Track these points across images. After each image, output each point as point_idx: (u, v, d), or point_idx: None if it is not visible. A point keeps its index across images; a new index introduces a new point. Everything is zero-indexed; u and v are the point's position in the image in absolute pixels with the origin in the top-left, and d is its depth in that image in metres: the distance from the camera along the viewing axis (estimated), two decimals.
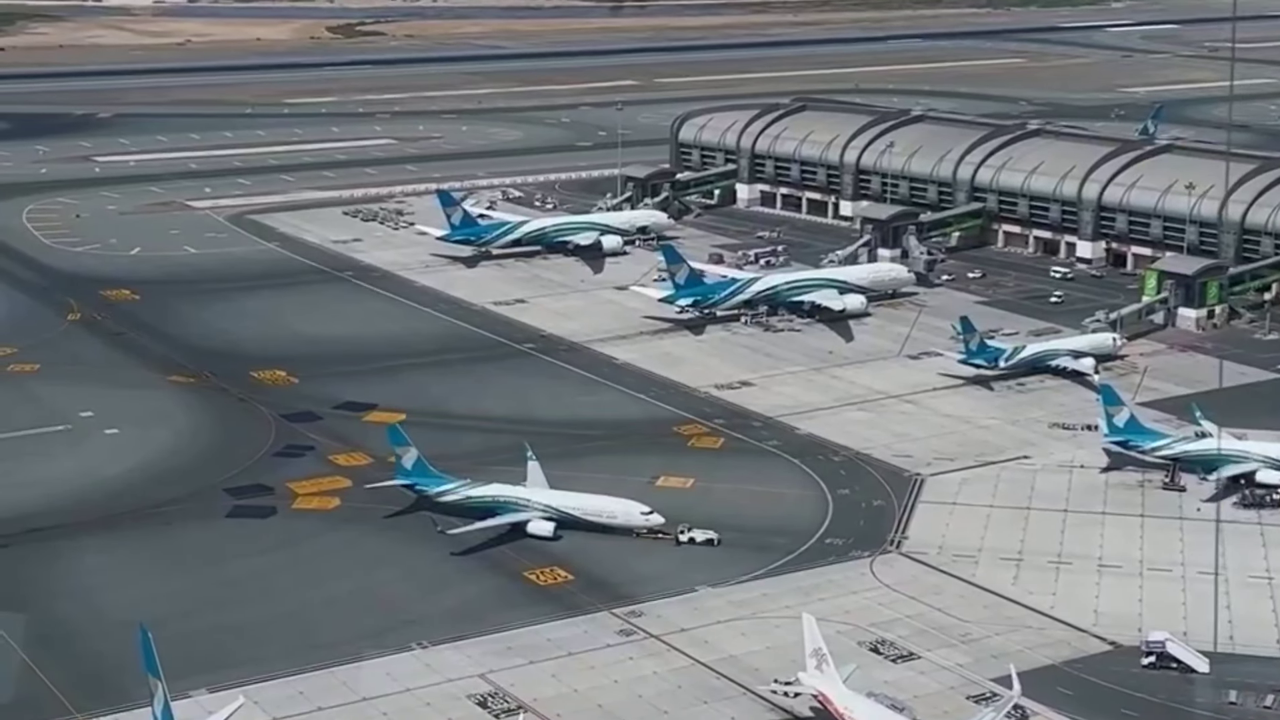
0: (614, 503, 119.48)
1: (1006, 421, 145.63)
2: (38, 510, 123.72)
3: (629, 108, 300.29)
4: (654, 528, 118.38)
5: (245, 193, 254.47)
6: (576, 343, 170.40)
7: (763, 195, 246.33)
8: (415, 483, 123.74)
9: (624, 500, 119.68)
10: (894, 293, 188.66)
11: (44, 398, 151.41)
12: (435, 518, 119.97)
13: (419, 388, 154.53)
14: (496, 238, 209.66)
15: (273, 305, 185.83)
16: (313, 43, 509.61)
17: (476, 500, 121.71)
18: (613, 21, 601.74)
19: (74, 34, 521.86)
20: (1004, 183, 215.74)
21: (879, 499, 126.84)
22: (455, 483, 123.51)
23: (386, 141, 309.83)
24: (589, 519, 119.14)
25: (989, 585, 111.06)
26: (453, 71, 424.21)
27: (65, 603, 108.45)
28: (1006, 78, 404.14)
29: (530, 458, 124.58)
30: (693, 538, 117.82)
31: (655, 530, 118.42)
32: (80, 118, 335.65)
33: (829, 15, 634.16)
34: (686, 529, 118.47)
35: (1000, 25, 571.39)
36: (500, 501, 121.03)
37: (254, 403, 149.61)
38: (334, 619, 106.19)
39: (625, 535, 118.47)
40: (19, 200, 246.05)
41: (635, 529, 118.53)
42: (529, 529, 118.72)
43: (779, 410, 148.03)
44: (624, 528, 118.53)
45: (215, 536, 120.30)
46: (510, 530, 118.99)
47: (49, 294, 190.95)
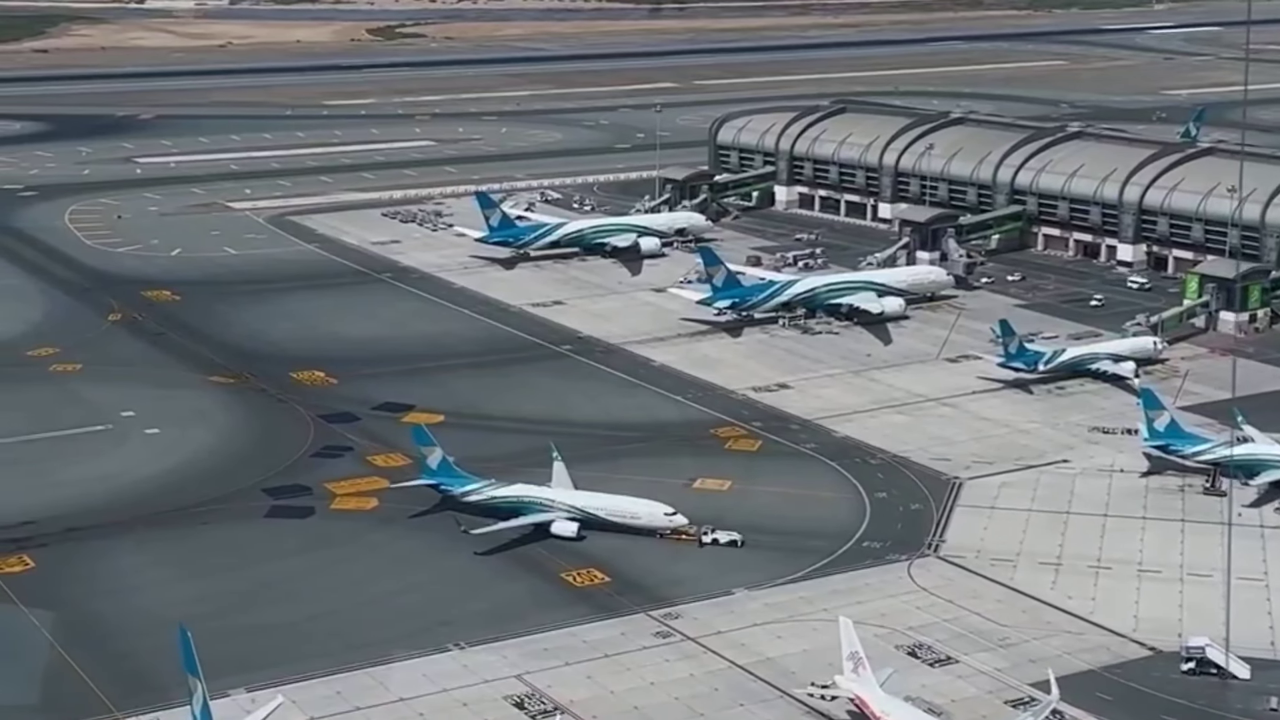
0: (638, 503, 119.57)
1: (1046, 425, 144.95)
2: (78, 510, 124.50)
3: (668, 109, 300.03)
4: (677, 528, 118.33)
5: (285, 194, 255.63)
6: (614, 344, 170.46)
7: (801, 197, 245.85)
8: (440, 482, 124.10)
9: (648, 501, 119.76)
10: (933, 296, 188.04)
11: (86, 398, 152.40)
12: (459, 517, 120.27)
13: (457, 389, 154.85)
14: (535, 239, 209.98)
15: (312, 306, 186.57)
16: (353, 45, 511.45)
17: (501, 500, 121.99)
18: (652, 23, 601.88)
19: (116, 36, 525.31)
20: (1044, 185, 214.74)
21: (917, 502, 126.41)
22: (480, 483, 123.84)
23: (426, 143, 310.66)
24: (613, 519, 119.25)
25: (1028, 590, 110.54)
26: (492, 73, 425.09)
27: (104, 602, 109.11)
28: (1047, 80, 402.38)
29: (555, 458, 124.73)
30: (716, 539, 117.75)
31: (678, 531, 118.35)
32: (122, 119, 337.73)
33: (869, 17, 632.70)
34: (710, 530, 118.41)
35: (1042, 27, 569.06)
36: (525, 502, 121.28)
37: (293, 403, 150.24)
38: (372, 619, 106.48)
39: (649, 536, 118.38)
40: (62, 201, 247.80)
41: (659, 530, 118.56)
42: (552, 529, 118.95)
43: (817, 413, 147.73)
44: (647, 528, 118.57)
45: (254, 536, 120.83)
46: (534, 530, 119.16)
47: (91, 294, 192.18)
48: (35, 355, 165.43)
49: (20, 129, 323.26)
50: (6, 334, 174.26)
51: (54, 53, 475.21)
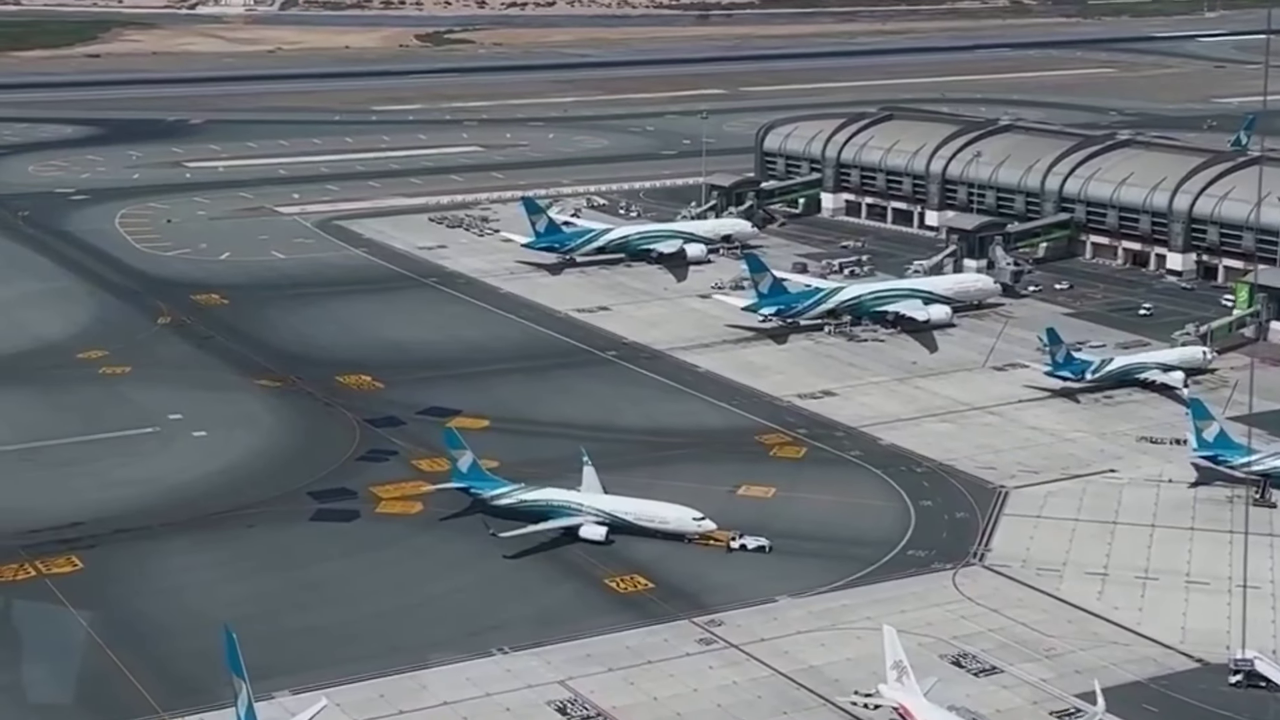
0: (666, 508, 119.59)
1: (1093, 434, 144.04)
2: (126, 511, 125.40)
3: (714, 116, 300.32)
4: (706, 534, 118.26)
5: (333, 199, 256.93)
6: (659, 350, 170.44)
7: (848, 204, 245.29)
8: (470, 486, 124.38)
9: (676, 506, 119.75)
10: (979, 303, 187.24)
11: (134, 400, 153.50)
12: (487, 520, 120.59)
13: (502, 394, 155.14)
14: (580, 245, 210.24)
15: (358, 310, 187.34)
16: (401, 50, 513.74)
17: (530, 504, 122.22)
18: (699, 30, 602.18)
19: (167, 41, 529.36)
20: (1092, 193, 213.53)
21: (962, 511, 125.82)
22: (509, 486, 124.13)
23: (473, 148, 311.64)
24: (641, 524, 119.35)
25: (1073, 600, 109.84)
26: (540, 79, 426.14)
27: (151, 602, 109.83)
28: (1096, 87, 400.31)
29: (586, 463, 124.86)
30: (744, 545, 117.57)
31: (707, 536, 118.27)
32: (172, 124, 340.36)
33: (917, 24, 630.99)
34: (738, 536, 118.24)
35: (1091, 34, 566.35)
36: (554, 506, 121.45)
37: (339, 407, 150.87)
38: (416, 623, 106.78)
39: (678, 541, 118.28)
40: (112, 204, 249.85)
41: (687, 534, 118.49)
42: (581, 533, 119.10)
43: (862, 420, 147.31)
44: (676, 533, 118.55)
45: (299, 539, 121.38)
46: (563, 534, 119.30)
47: (140, 297, 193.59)
48: (85, 358, 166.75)
49: (72, 133, 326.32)
50: (57, 336, 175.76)
51: (106, 57, 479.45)
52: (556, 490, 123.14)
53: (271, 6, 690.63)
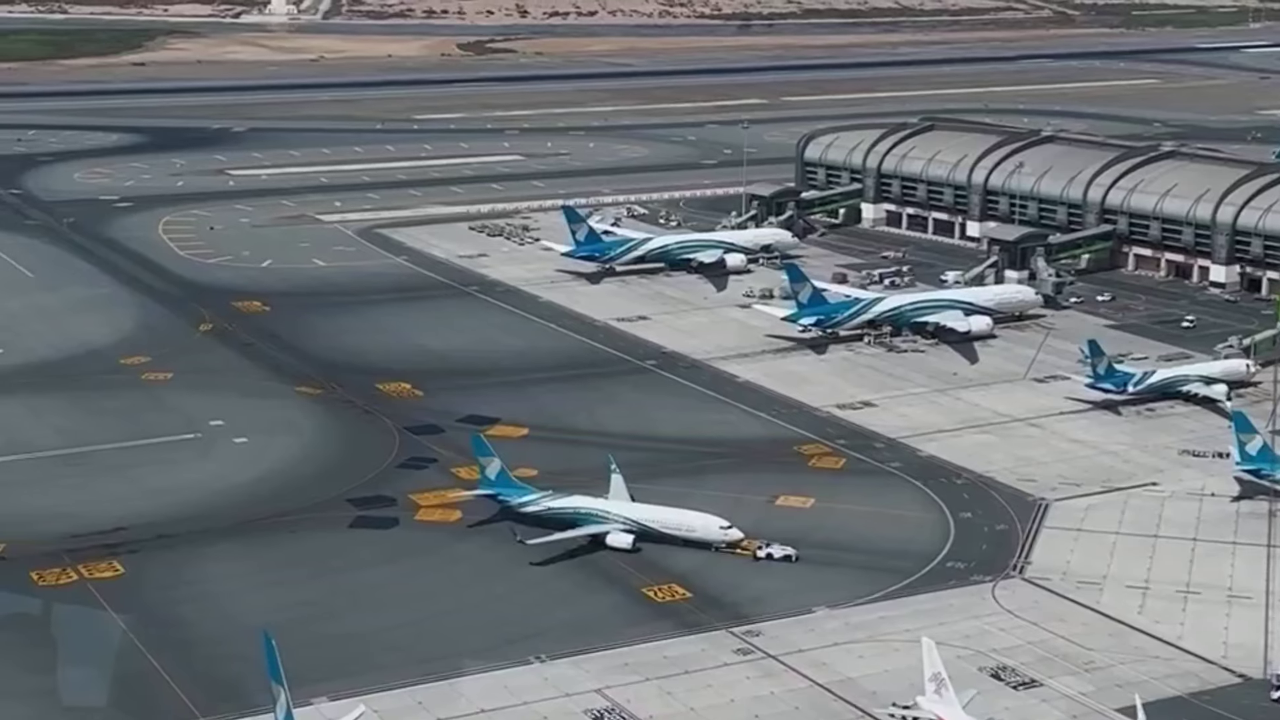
0: (693, 516, 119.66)
1: (1134, 447, 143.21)
2: (168, 517, 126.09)
3: (755, 126, 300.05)
4: (733, 542, 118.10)
5: (374, 207, 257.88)
6: (698, 360, 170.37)
7: (888, 215, 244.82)
8: (498, 493, 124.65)
9: (703, 514, 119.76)
10: (1020, 315, 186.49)
11: (176, 406, 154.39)
12: (515, 527, 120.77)
13: (541, 403, 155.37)
14: (620, 254, 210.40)
15: (399, 318, 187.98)
16: (443, 59, 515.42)
17: (558, 512, 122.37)
18: (740, 40, 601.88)
19: (211, 49, 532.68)
20: (1135, 205, 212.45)
21: (1002, 523, 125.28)
22: (537, 494, 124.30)
23: (514, 157, 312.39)
24: (668, 532, 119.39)
25: (1114, 613, 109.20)
26: (581, 89, 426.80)
27: (191, 608, 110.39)
28: (1140, 98, 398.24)
29: (613, 470, 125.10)
30: (770, 554, 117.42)
31: (734, 545, 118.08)
32: (215, 132, 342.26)
33: (959, 34, 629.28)
34: (764, 545, 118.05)
35: (1135, 45, 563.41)
36: (581, 513, 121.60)
37: (379, 415, 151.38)
38: (454, 630, 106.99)
39: (704, 549, 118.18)
40: (156, 211, 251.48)
41: (714, 543, 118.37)
42: (608, 541, 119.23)
43: (901, 431, 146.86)
44: (703, 541, 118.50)
45: (338, 546, 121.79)
46: (590, 542, 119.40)
47: (182, 304, 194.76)
48: (128, 363, 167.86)
49: (117, 141, 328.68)
50: (101, 342, 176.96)
51: (151, 66, 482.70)
52: (584, 498, 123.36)
53: (315, 15, 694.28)
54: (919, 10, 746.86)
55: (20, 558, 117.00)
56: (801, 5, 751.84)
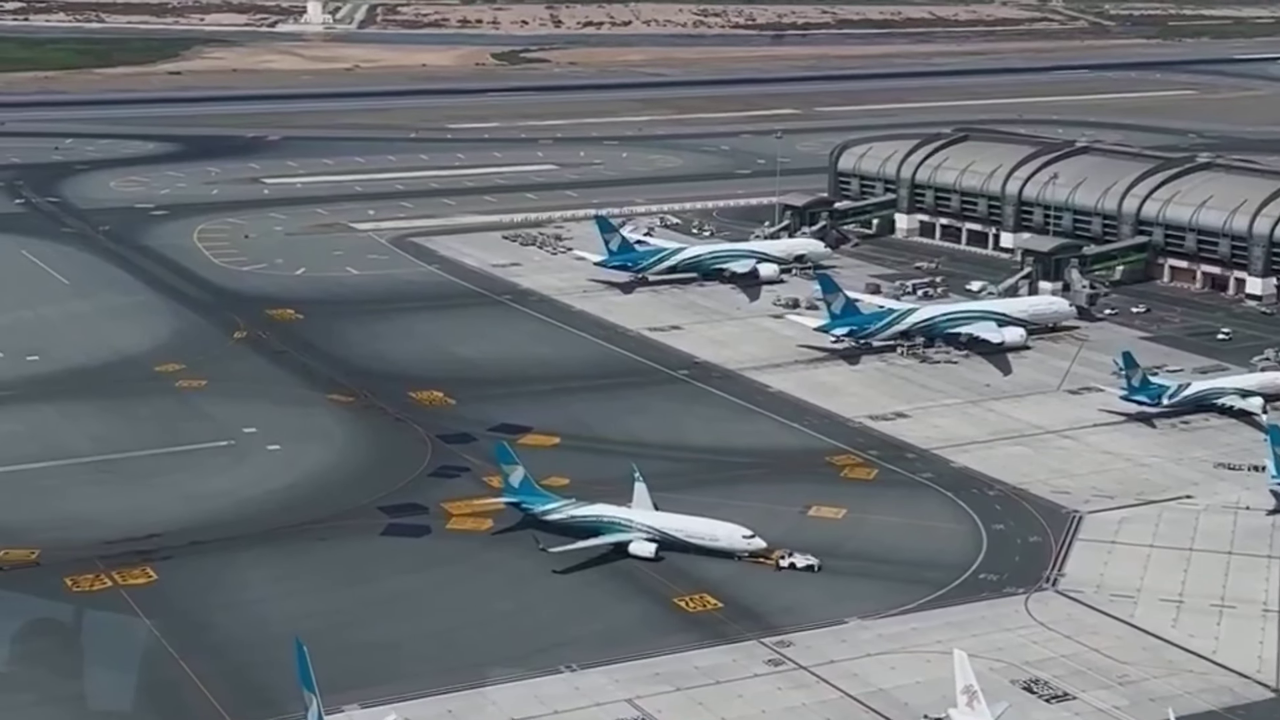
0: (716, 526, 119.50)
1: (1169, 460, 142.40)
2: (201, 523, 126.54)
3: (789, 136, 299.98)
4: (755, 551, 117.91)
5: (407, 215, 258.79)
6: (730, 370, 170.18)
7: (922, 225, 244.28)
8: (521, 501, 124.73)
9: (726, 523, 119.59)
10: (1054, 326, 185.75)
11: (210, 413, 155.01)
12: (537, 535, 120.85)
13: (574, 411, 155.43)
14: (653, 264, 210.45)
15: (432, 327, 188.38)
16: (477, 69, 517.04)
17: (581, 520, 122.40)
18: (774, 50, 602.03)
19: (247, 59, 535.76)
20: (1171, 216, 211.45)
21: (1035, 535, 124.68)
22: (560, 502, 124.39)
23: (547, 167, 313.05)
24: (691, 541, 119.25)
25: (1148, 627, 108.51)
26: (614, 98, 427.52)
27: (223, 614, 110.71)
28: (1176, 109, 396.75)
29: (637, 479, 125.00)
30: (793, 563, 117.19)
31: (756, 554, 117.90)
32: (250, 140, 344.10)
33: (993, 45, 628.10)
34: (787, 554, 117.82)
35: (1171, 56, 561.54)
36: (604, 522, 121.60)
37: (411, 423, 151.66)
38: (484, 639, 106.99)
39: (727, 558, 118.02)
40: (191, 220, 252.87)
41: (736, 552, 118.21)
42: (630, 549, 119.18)
43: (934, 443, 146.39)
44: (725, 550, 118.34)
45: (370, 554, 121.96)
46: (613, 550, 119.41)
47: (217, 312, 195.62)
48: (163, 371, 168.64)
49: (152, 149, 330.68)
50: (136, 349, 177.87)
51: (187, 75, 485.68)
52: (607, 506, 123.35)
53: (350, 25, 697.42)
54: (953, 21, 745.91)
55: (54, 564, 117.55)
56: (835, 15, 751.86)
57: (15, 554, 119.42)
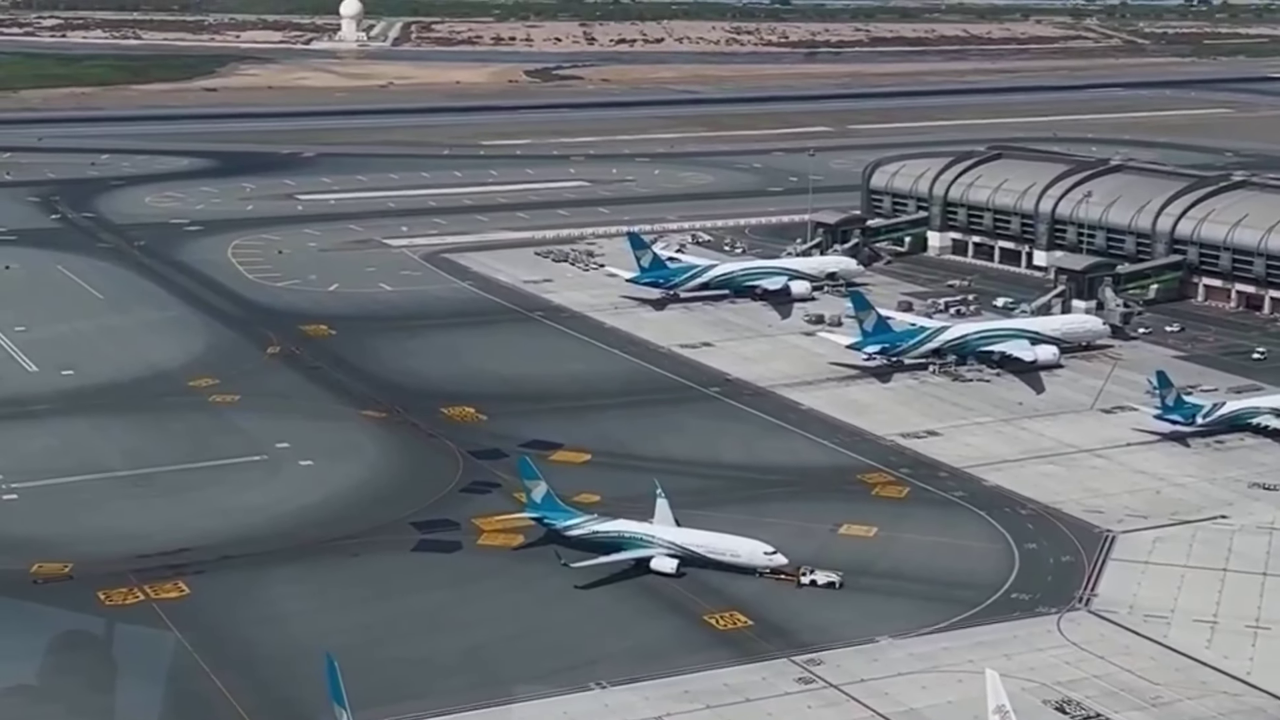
0: (737, 542, 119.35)
1: (1203, 479, 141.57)
2: (233, 538, 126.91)
3: (821, 153, 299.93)
4: (777, 568, 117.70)
5: (440, 232, 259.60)
6: (762, 387, 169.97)
7: (954, 243, 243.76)
8: (543, 516, 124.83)
9: (747, 539, 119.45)
10: (1088, 345, 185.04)
11: (243, 428, 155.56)
12: (559, 550, 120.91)
13: (605, 428, 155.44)
14: (685, 281, 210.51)
15: (464, 343, 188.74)
16: (510, 86, 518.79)
17: (603, 535, 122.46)
18: (807, 67, 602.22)
19: (282, 75, 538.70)
20: (1206, 235, 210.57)
21: (1068, 555, 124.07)
22: (582, 517, 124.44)
23: (580, 184, 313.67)
24: (712, 557, 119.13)
25: (1182, 648, 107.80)
26: (646, 115, 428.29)
27: (255, 629, 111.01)
28: (1211, 128, 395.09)
29: (659, 495, 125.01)
30: (814, 580, 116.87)
31: (778, 571, 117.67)
32: (285, 156, 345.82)
33: (1027, 63, 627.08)
34: (809, 570, 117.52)
35: (1206, 74, 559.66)
36: (626, 537, 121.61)
37: (443, 439, 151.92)
38: (515, 655, 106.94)
39: (749, 574, 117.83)
40: (226, 235, 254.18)
41: (758, 569, 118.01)
42: (652, 565, 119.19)
43: (966, 461, 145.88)
44: (747, 567, 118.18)
45: (402, 569, 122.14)
46: (634, 566, 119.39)
47: (250, 327, 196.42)
48: (196, 386, 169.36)
49: (188, 165, 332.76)
50: (170, 364, 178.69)
51: (222, 91, 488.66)
52: (629, 522, 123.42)
53: (384, 42, 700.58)
54: (987, 39, 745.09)
55: (87, 577, 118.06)
56: (869, 33, 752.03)
57: (49, 567, 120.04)
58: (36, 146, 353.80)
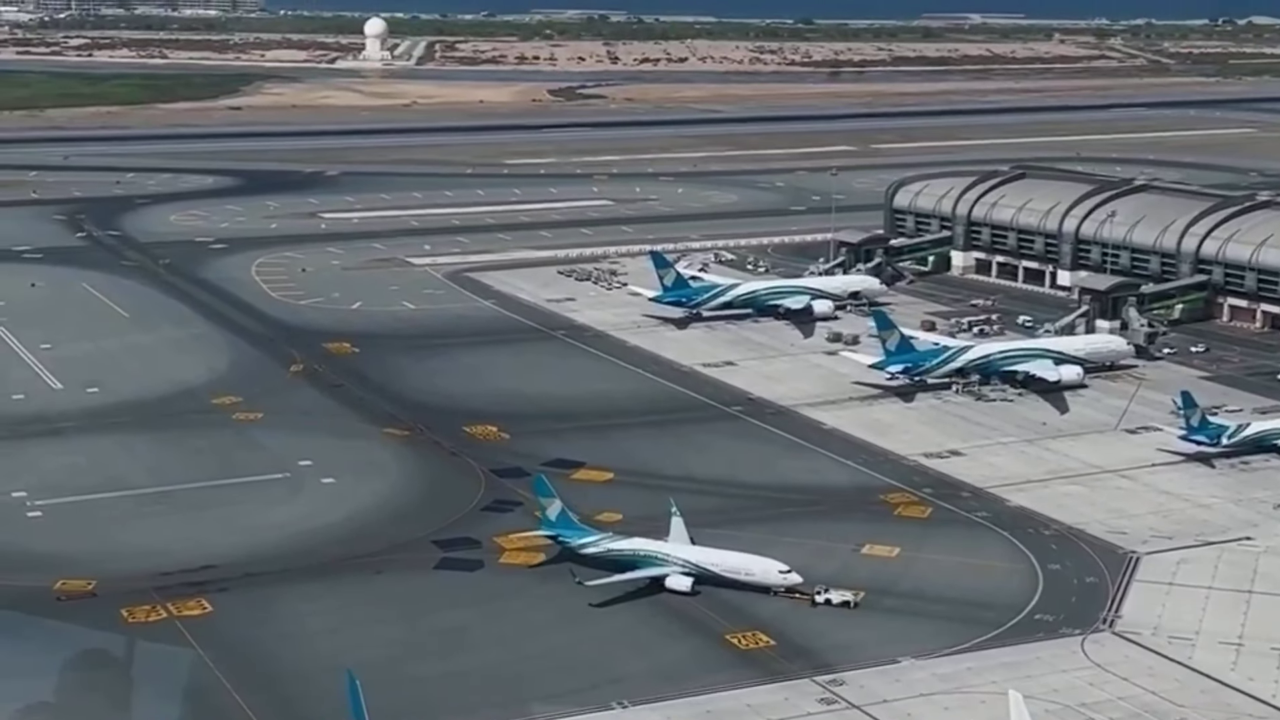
0: (752, 560, 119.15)
1: (1228, 501, 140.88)
2: (256, 555, 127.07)
3: (844, 173, 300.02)
4: (791, 587, 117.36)
5: (463, 250, 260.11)
6: (784, 406, 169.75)
7: (978, 263, 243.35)
8: (558, 534, 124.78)
9: (762, 558, 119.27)
10: (1112, 365, 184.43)
11: (266, 446, 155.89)
12: (574, 569, 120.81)
13: (627, 447, 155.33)
14: (708, 300, 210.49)
15: (487, 361, 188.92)
16: (534, 105, 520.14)
17: (618, 554, 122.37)
18: (830, 87, 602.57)
19: (307, 94, 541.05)
20: (1231, 255, 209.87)
21: (1091, 576, 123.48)
22: (597, 535, 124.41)
23: (603, 202, 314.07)
24: (727, 576, 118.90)
25: (1207, 670, 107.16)
26: (670, 135, 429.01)
27: (277, 646, 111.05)
28: (1236, 147, 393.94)
29: (673, 513, 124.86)
30: (829, 599, 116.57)
31: (793, 589, 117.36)
32: (309, 175, 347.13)
33: (1051, 83, 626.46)
34: (823, 589, 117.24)
35: (1230, 94, 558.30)
36: (641, 556, 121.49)
37: (465, 457, 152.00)
38: (537, 674, 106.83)
39: (763, 593, 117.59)
40: (249, 253, 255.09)
41: (773, 587, 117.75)
42: (667, 584, 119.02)
43: (989, 481, 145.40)
44: (762, 585, 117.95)
45: (423, 587, 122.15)
46: (649, 585, 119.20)
47: (274, 345, 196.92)
48: (219, 403, 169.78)
49: (212, 183, 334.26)
50: (193, 382, 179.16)
51: (247, 110, 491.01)
52: (644, 540, 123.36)
53: (409, 61, 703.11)
54: (1010, 58, 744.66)
55: (111, 595, 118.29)
56: (892, 53, 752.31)
57: (72, 584, 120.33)
58: (63, 165, 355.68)
